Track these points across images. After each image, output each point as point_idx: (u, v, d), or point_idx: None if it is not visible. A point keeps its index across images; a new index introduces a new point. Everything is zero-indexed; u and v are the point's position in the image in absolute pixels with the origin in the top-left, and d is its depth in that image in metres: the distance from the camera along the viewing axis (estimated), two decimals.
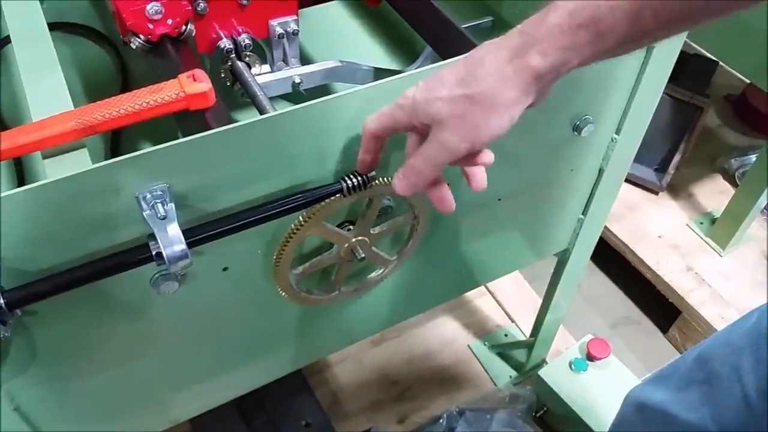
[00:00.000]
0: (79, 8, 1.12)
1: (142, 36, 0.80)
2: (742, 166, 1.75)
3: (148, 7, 0.79)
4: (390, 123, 0.59)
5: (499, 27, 1.06)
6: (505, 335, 1.48)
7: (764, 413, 0.67)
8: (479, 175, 0.62)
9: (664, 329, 1.59)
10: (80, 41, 1.13)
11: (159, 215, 0.55)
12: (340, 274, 0.77)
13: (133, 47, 0.81)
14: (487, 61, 0.53)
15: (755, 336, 0.70)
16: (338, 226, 0.72)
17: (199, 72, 0.68)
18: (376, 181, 0.67)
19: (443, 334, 1.49)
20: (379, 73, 0.98)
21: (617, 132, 0.91)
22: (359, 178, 0.65)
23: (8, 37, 1.07)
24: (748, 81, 1.89)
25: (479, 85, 0.52)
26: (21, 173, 0.97)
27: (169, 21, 0.81)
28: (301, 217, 0.66)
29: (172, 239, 0.55)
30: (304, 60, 0.99)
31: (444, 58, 0.70)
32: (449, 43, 0.88)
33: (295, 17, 0.91)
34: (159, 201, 0.56)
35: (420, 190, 0.59)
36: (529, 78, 0.52)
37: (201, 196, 0.61)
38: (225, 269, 0.69)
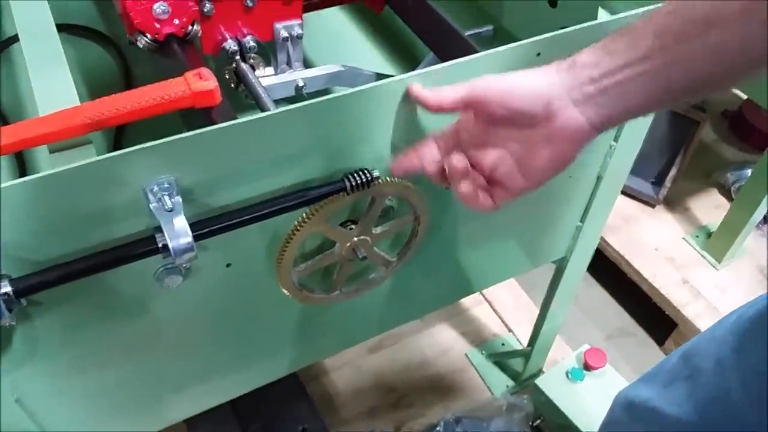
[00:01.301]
0: (82, 11, 1.13)
1: (149, 35, 0.81)
2: (737, 181, 1.76)
3: (155, 6, 0.80)
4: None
5: (501, 36, 1.07)
6: (502, 344, 1.49)
7: (747, 406, 0.68)
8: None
9: (660, 341, 1.60)
10: (84, 43, 1.14)
11: (166, 207, 0.56)
12: (341, 273, 0.78)
13: (140, 46, 0.82)
14: None
15: (737, 330, 0.71)
16: (341, 225, 0.73)
17: (205, 70, 0.69)
18: (379, 180, 0.68)
19: (440, 343, 1.50)
20: (381, 79, 0.99)
21: (615, 139, 0.92)
22: (362, 177, 0.66)
23: (11, 38, 1.09)
24: (745, 97, 1.91)
25: None
26: (23, 169, 0.98)
27: (176, 21, 0.82)
28: (304, 215, 0.67)
29: (178, 232, 0.56)
30: (306, 65, 1.00)
31: None
32: (452, 50, 0.89)
33: (299, 21, 0.92)
34: (166, 193, 0.56)
35: (441, 101, 0.61)
36: (565, 63, 0.57)
37: (206, 192, 0.61)
38: (228, 265, 0.69)
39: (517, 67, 0.69)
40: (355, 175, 0.66)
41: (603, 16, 0.88)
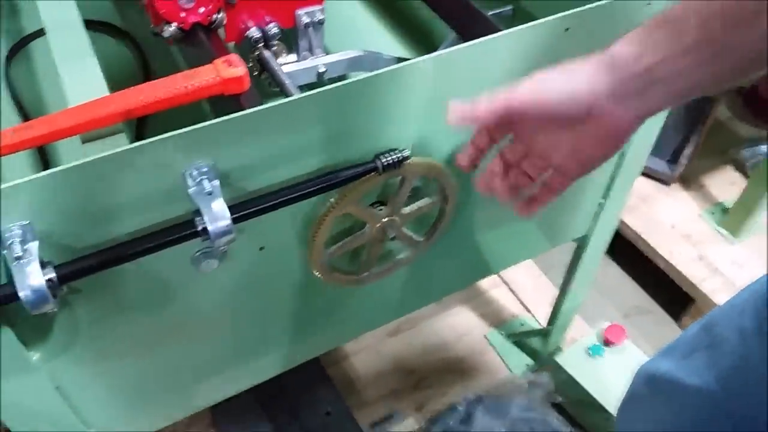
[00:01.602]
0: (97, 7, 1.14)
1: (174, 24, 0.82)
2: (753, 157, 1.76)
3: None
4: None
5: (520, 16, 1.07)
6: (521, 324, 1.50)
7: (766, 374, 0.68)
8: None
9: (677, 318, 1.61)
10: (101, 39, 1.15)
11: (205, 191, 0.57)
12: (371, 254, 0.78)
13: (166, 36, 0.82)
14: None
15: (758, 298, 0.70)
16: (370, 206, 0.74)
17: (234, 57, 0.70)
18: (409, 160, 0.68)
19: (458, 325, 1.51)
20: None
21: None
22: (394, 157, 0.67)
23: (31, 35, 1.10)
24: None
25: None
26: (45, 163, 0.98)
27: (201, 9, 0.82)
28: (336, 196, 0.68)
29: (217, 214, 0.57)
30: (325, 52, 1.01)
31: None
32: (475, 30, 0.89)
33: (320, 7, 0.93)
34: (205, 177, 0.57)
35: (478, 118, 0.61)
36: (605, 56, 0.55)
37: (242, 176, 0.62)
38: (261, 248, 0.70)
39: (546, 44, 0.70)
40: (387, 155, 0.67)
41: None
